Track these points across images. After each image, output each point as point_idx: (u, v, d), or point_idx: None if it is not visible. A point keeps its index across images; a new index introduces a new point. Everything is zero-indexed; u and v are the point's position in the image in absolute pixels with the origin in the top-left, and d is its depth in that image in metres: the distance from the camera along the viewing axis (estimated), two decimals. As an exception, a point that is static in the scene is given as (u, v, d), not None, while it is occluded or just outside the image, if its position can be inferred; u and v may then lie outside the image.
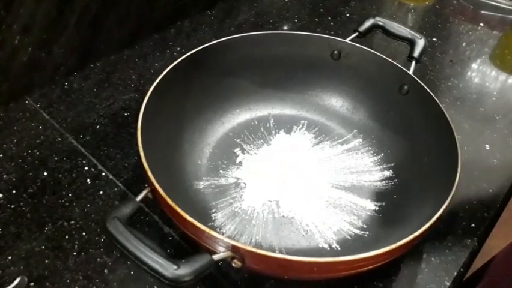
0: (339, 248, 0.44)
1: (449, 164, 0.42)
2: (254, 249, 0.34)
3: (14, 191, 0.47)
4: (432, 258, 0.45)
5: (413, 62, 0.53)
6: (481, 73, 0.71)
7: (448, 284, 0.44)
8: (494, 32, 0.79)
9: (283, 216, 0.47)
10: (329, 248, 0.44)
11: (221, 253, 0.34)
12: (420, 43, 0.54)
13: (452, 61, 0.72)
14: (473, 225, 0.49)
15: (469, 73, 0.70)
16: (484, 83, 0.69)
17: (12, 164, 0.50)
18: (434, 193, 0.42)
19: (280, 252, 0.44)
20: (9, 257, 0.42)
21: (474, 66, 0.72)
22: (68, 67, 0.61)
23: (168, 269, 0.31)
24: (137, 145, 0.40)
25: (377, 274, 0.43)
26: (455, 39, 0.77)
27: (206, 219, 0.45)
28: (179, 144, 0.50)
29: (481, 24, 0.81)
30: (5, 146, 0.51)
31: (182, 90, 0.51)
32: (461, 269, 0.45)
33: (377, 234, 0.45)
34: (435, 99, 0.48)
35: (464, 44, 0.76)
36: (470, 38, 0.77)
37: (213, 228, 0.44)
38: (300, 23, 0.76)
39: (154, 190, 0.38)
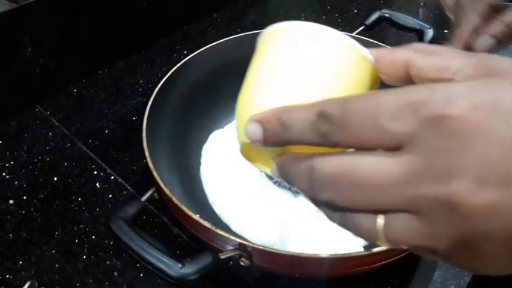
0: (352, 245, 0.43)
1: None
2: (261, 247, 0.33)
3: (24, 197, 0.47)
4: (451, 254, 0.44)
5: (423, 53, 0.52)
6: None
7: (468, 279, 0.42)
8: None
9: (296, 213, 0.46)
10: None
11: (227, 251, 0.34)
12: (429, 33, 0.52)
13: (465, 52, 0.70)
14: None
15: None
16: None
17: (23, 170, 0.50)
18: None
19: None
20: (20, 262, 0.42)
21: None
22: (78, 75, 0.61)
23: (173, 267, 0.30)
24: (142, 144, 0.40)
25: (393, 271, 0.42)
26: (467, 30, 0.75)
27: (215, 219, 0.45)
28: (188, 144, 0.50)
29: (495, 14, 0.78)
30: (15, 153, 0.52)
31: (188, 91, 0.51)
32: (482, 264, 0.43)
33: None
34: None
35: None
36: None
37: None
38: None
39: (159, 189, 0.37)
